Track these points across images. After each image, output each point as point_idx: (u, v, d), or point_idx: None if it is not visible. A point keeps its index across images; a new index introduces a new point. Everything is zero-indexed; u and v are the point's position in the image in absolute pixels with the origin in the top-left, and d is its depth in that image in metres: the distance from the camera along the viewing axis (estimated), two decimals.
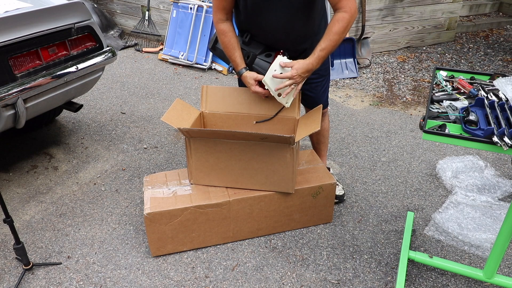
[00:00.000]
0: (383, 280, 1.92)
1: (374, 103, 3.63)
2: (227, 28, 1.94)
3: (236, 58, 1.96)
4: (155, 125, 3.25)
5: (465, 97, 1.57)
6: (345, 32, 1.78)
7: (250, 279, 1.92)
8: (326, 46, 1.79)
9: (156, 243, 1.99)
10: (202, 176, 2.06)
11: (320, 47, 1.79)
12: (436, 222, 2.22)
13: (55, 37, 2.36)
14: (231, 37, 1.95)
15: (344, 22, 1.75)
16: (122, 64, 4.44)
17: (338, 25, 1.75)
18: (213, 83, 4.04)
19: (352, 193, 2.48)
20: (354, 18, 1.78)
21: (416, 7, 4.58)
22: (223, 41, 1.96)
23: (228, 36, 1.94)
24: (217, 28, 1.96)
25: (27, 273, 1.95)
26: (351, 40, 4.09)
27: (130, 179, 2.61)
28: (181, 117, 2.05)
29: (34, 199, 2.45)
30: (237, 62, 1.97)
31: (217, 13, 1.94)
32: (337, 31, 1.76)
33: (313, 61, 1.81)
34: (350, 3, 1.75)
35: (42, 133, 3.13)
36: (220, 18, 1.94)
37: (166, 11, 4.71)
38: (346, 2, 1.75)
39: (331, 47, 1.79)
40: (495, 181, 2.51)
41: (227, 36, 1.94)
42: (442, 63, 4.48)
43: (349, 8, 1.76)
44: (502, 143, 1.26)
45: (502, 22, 5.65)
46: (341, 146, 2.97)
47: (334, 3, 1.77)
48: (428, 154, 2.87)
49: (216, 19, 1.95)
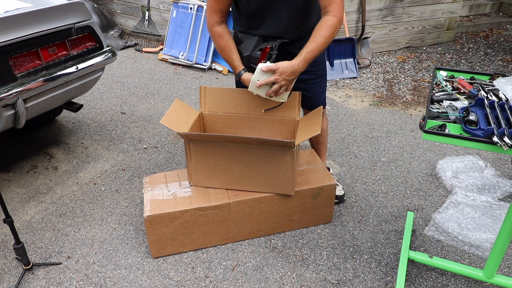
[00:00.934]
0: (383, 280, 1.92)
1: (374, 103, 3.63)
2: (223, 31, 1.92)
3: (234, 61, 1.94)
4: (155, 125, 3.25)
5: (465, 97, 1.57)
6: (332, 37, 1.77)
7: (250, 279, 1.92)
8: (313, 49, 1.77)
9: (156, 244, 1.99)
10: (202, 178, 2.06)
11: (307, 49, 1.77)
12: (436, 222, 2.22)
13: (55, 37, 2.36)
14: (228, 39, 1.92)
15: (332, 27, 1.75)
16: (122, 64, 4.44)
17: (327, 30, 1.75)
18: (213, 83, 4.04)
19: (352, 193, 2.48)
20: (341, 23, 1.78)
21: (416, 7, 4.58)
22: (219, 44, 1.93)
23: (225, 38, 1.92)
24: (213, 31, 1.92)
25: (27, 273, 1.95)
26: (351, 40, 4.09)
27: (130, 179, 2.61)
28: (180, 118, 2.05)
29: (34, 199, 2.45)
30: (235, 65, 1.95)
31: (213, 16, 1.90)
32: (325, 35, 1.75)
33: (299, 63, 1.78)
34: (339, 8, 1.76)
35: (42, 133, 3.13)
36: (216, 21, 1.90)
37: (166, 11, 4.71)
38: (336, 6, 1.75)
39: (318, 50, 1.77)
40: (495, 181, 2.51)
41: (223, 39, 1.92)
42: (442, 63, 4.48)
43: (338, 13, 1.76)
44: (502, 143, 1.25)
45: (502, 22, 5.65)
46: (341, 146, 2.97)
47: (325, 6, 1.77)
48: (428, 154, 2.87)
49: (212, 22, 1.91)
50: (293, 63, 1.78)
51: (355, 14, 4.30)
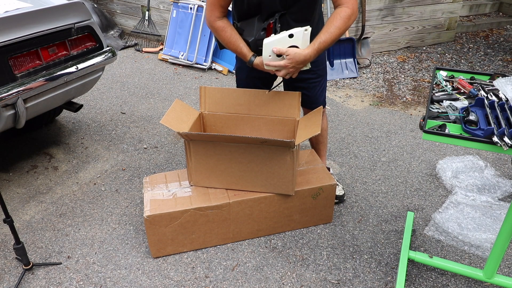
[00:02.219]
0: (383, 280, 1.92)
1: (374, 103, 3.63)
2: (225, 24, 1.89)
3: (242, 49, 1.90)
4: (155, 125, 3.25)
5: (465, 97, 1.57)
6: (345, 28, 1.75)
7: (250, 279, 1.92)
8: (326, 39, 1.75)
9: (156, 244, 1.99)
10: (202, 178, 2.06)
11: (321, 39, 1.75)
12: (436, 222, 2.22)
13: (55, 37, 2.36)
14: (231, 30, 1.89)
15: (346, 18, 1.74)
16: (122, 64, 4.44)
17: (341, 20, 1.73)
18: (213, 83, 4.04)
19: (352, 193, 2.48)
20: (355, 15, 1.77)
21: (416, 7, 4.58)
22: (223, 37, 1.90)
23: (228, 30, 1.89)
24: (214, 26, 1.90)
25: (27, 273, 1.95)
26: (351, 40, 4.09)
27: (130, 179, 2.61)
28: (180, 118, 2.05)
29: (34, 199, 2.45)
30: (244, 53, 1.90)
31: (213, 12, 1.87)
32: (338, 26, 1.74)
33: (311, 52, 1.75)
34: (352, 0, 1.75)
35: (42, 133, 3.13)
36: (217, 16, 1.88)
37: (166, 11, 4.71)
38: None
39: (331, 40, 1.76)
40: (495, 181, 2.51)
41: (226, 31, 1.89)
42: (442, 63, 4.48)
43: (351, 5, 1.75)
44: (502, 143, 1.25)
45: (502, 22, 5.65)
46: (341, 146, 2.97)
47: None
48: (428, 154, 2.87)
49: (212, 18, 1.89)
50: (306, 52, 1.75)
51: None
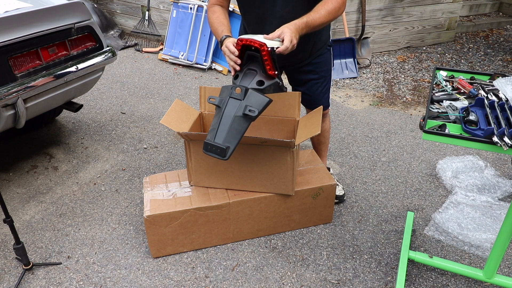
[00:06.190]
0: (383, 280, 1.92)
1: (374, 103, 3.63)
2: (218, 8, 1.88)
3: (217, 29, 1.82)
4: (155, 125, 3.25)
5: (465, 97, 1.57)
6: (335, 14, 1.72)
7: (250, 279, 1.92)
8: (315, 18, 1.68)
9: (156, 244, 1.99)
10: (202, 178, 2.06)
11: (309, 16, 1.68)
12: (436, 222, 2.22)
13: (55, 37, 2.36)
14: (220, 13, 1.86)
15: (337, 3, 1.71)
16: (122, 64, 4.44)
17: (331, 5, 1.70)
18: (213, 83, 4.04)
19: (352, 193, 2.48)
20: (344, 5, 1.74)
21: (416, 7, 4.58)
22: (210, 17, 1.87)
23: (216, 11, 1.87)
24: (209, 10, 1.89)
25: (27, 273, 1.95)
26: (351, 40, 4.09)
27: (130, 179, 2.61)
28: (180, 118, 2.05)
29: (34, 199, 2.45)
30: (218, 32, 1.81)
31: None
32: (328, 9, 1.70)
33: (300, 24, 1.64)
34: None
35: (42, 133, 3.13)
36: (215, 2, 1.89)
37: (166, 11, 4.71)
38: None
39: (320, 21, 1.69)
40: (495, 181, 2.51)
41: (215, 11, 1.87)
42: (442, 63, 4.48)
43: None
44: (502, 143, 1.25)
45: (502, 22, 5.65)
46: (341, 146, 2.97)
47: None
48: (428, 154, 2.87)
49: (211, 3, 1.89)
50: (294, 22, 1.64)
51: (355, 14, 4.30)
